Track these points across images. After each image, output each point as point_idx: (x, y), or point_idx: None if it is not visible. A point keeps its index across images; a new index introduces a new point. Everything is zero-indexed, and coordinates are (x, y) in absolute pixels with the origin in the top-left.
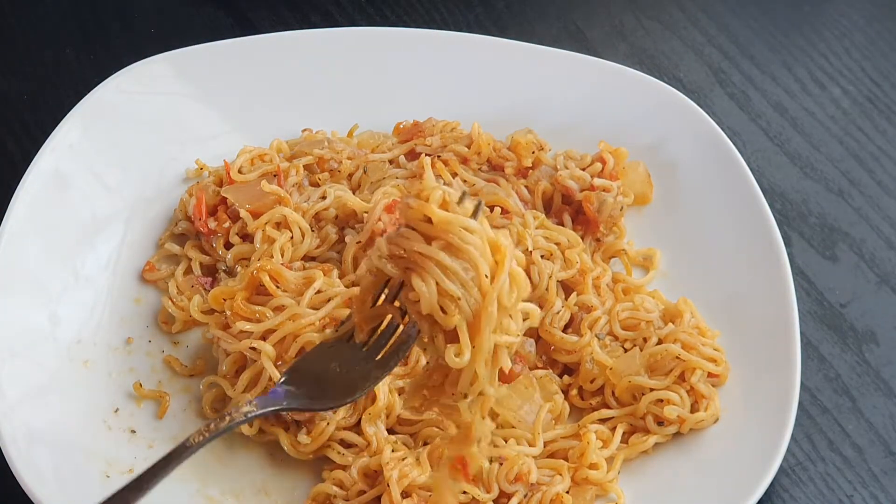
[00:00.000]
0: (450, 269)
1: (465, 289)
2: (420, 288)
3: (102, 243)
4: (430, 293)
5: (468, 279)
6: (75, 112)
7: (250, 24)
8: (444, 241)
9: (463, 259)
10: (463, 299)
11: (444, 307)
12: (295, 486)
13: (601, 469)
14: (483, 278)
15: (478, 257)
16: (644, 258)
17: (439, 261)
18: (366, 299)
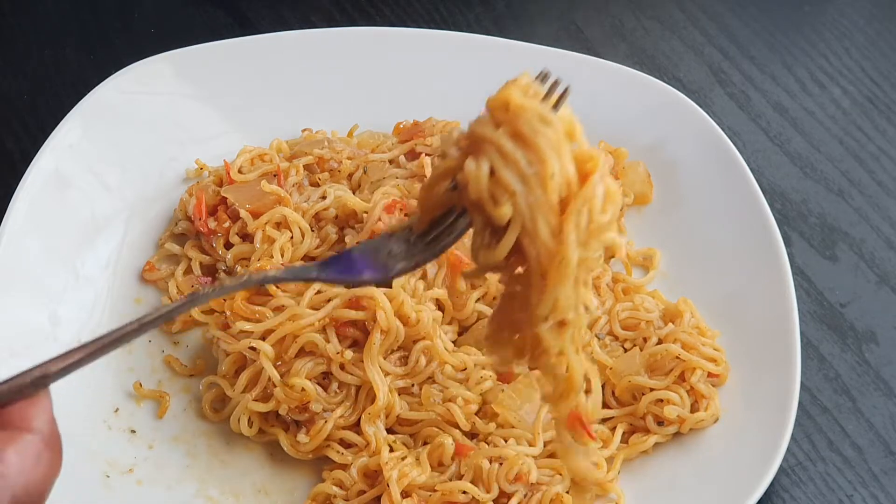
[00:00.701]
0: (509, 156)
1: (525, 184)
2: (469, 168)
3: (102, 243)
4: (481, 175)
5: (530, 173)
6: (75, 112)
7: (250, 24)
8: (513, 128)
9: (530, 151)
10: (521, 196)
11: (496, 196)
12: (295, 486)
13: (601, 469)
14: (550, 178)
15: (547, 151)
16: (644, 258)
17: (500, 146)
18: (433, 186)
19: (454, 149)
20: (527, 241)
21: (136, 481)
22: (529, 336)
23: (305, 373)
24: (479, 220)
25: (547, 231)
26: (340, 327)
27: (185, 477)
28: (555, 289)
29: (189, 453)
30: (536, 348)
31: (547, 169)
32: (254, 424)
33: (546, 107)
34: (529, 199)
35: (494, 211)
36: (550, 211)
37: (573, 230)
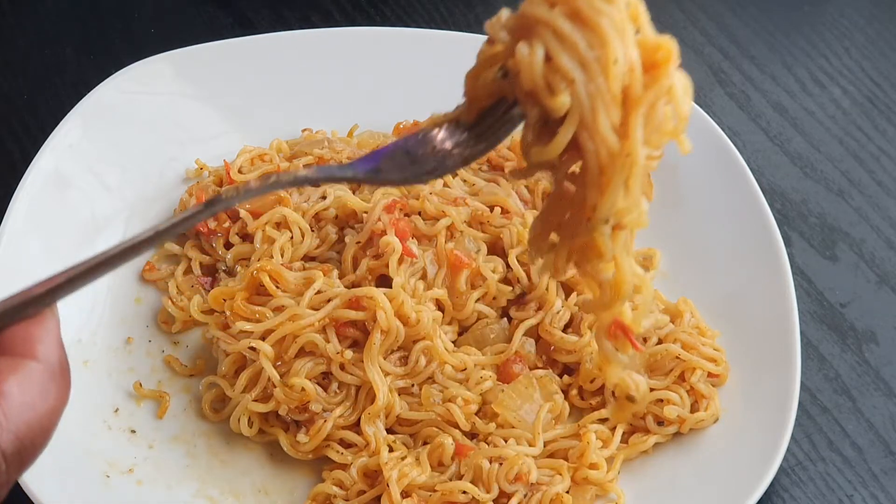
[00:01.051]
0: (568, 39)
1: (586, 70)
2: (521, 54)
3: (102, 243)
4: (535, 61)
5: (591, 58)
6: (75, 112)
7: (250, 24)
8: (570, 7)
9: (591, 33)
10: (580, 84)
11: (553, 85)
12: (295, 486)
13: (601, 469)
14: (612, 64)
15: (610, 33)
16: (644, 258)
17: (557, 27)
18: (479, 74)
19: (503, 32)
20: (585, 136)
21: (136, 481)
22: (581, 239)
23: (305, 373)
24: (533, 111)
25: (608, 125)
26: (340, 327)
27: (185, 477)
28: (616, 189)
29: (189, 453)
30: (588, 252)
31: (609, 53)
32: (254, 424)
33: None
34: (590, 88)
35: (551, 101)
36: (613, 102)
37: (639, 125)
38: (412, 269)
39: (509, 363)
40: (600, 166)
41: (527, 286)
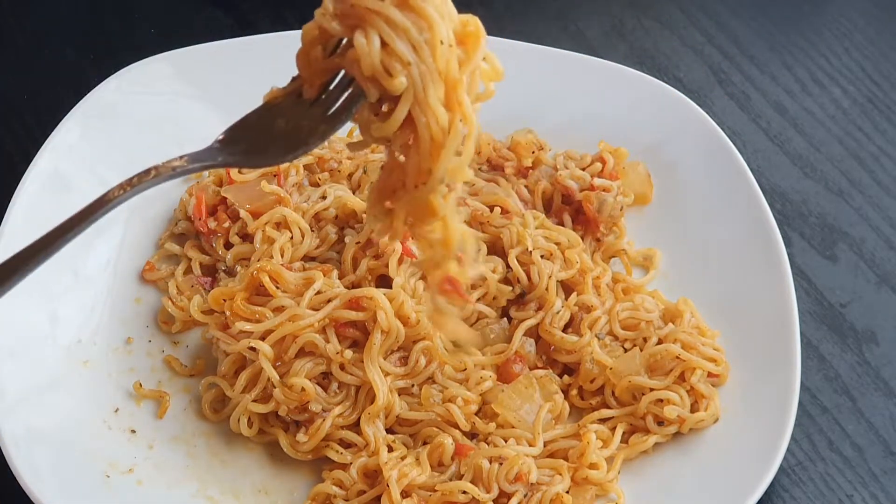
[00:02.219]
0: (400, 26)
1: (418, 53)
2: (360, 43)
3: (102, 243)
4: (373, 50)
5: (420, 41)
6: (75, 112)
7: (250, 24)
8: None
9: (419, 19)
10: (414, 65)
11: (390, 68)
12: (295, 486)
13: (601, 469)
14: (439, 45)
15: (436, 17)
16: (644, 258)
17: (389, 16)
18: (309, 52)
19: (334, 22)
20: (417, 111)
21: (136, 481)
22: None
23: (305, 373)
24: (372, 92)
25: (437, 99)
26: (340, 328)
27: (185, 477)
28: (448, 154)
29: (189, 453)
30: (423, 213)
31: (436, 35)
32: (254, 425)
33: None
34: (421, 69)
35: (390, 83)
36: (439, 78)
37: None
38: (412, 270)
39: (509, 363)
40: (432, 136)
41: (527, 286)
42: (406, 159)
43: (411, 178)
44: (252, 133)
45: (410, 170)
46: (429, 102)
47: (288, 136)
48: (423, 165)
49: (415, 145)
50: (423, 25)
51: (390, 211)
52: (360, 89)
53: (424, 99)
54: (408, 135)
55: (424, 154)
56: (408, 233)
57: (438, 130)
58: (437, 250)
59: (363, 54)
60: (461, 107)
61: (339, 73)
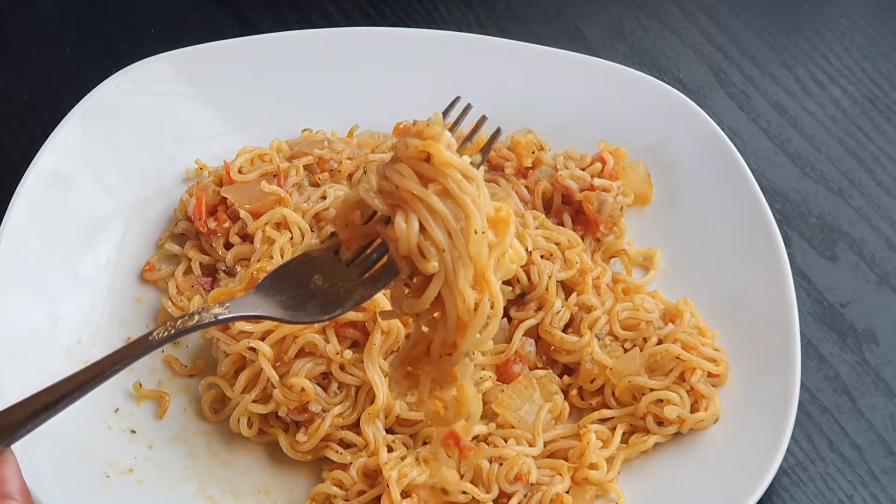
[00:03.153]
0: (439, 213)
1: (453, 239)
2: (400, 226)
3: (102, 243)
4: (411, 234)
5: (457, 229)
6: (75, 112)
7: (250, 24)
8: (441, 186)
9: (457, 209)
10: (447, 251)
11: (425, 251)
12: (295, 486)
13: (601, 469)
14: (473, 233)
15: (473, 209)
16: (644, 258)
17: (430, 203)
18: (348, 215)
19: (377, 199)
20: (446, 291)
21: (136, 481)
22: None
23: (305, 373)
24: (405, 269)
25: (465, 281)
26: (340, 328)
27: (185, 477)
28: (474, 331)
29: (189, 453)
30: (446, 380)
31: (472, 225)
32: (253, 425)
33: (468, 163)
34: (454, 254)
35: (424, 265)
36: (469, 263)
37: (494, 277)
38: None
39: (509, 363)
40: (459, 315)
41: (527, 286)
42: (433, 332)
43: (437, 349)
44: (291, 284)
45: (436, 342)
46: (458, 285)
47: (325, 295)
48: (449, 339)
49: (442, 321)
50: (461, 215)
51: (412, 375)
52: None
53: (454, 282)
54: (435, 311)
55: (451, 330)
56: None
57: (465, 310)
58: (449, 410)
59: (401, 236)
60: (489, 286)
61: (375, 238)
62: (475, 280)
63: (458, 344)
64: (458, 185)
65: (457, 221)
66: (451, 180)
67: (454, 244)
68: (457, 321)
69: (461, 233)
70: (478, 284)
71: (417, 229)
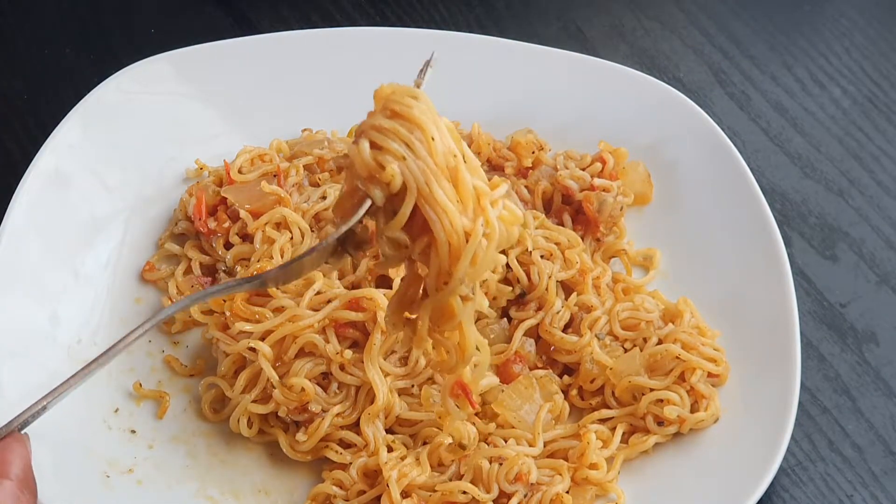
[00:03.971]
0: (388, 129)
1: (412, 149)
2: (352, 151)
3: (102, 243)
4: (362, 151)
5: (412, 138)
6: (75, 112)
7: (250, 24)
8: (388, 110)
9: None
10: (410, 160)
11: (382, 162)
12: (295, 486)
13: (601, 469)
14: (431, 140)
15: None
16: (644, 258)
17: (378, 123)
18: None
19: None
20: (427, 209)
21: (136, 481)
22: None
23: (305, 373)
24: (375, 193)
25: (443, 195)
26: (340, 328)
27: (185, 477)
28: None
29: (189, 453)
30: (443, 317)
31: (427, 133)
32: (253, 425)
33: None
34: (419, 164)
35: (383, 175)
36: (443, 176)
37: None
38: None
39: (509, 363)
40: (448, 238)
41: (527, 286)
42: (426, 265)
43: (432, 281)
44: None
45: (431, 273)
46: (436, 198)
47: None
48: (444, 268)
49: (434, 249)
50: (413, 127)
51: (411, 320)
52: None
53: (430, 194)
54: (425, 239)
55: (443, 256)
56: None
57: (453, 232)
58: (453, 356)
59: (354, 157)
60: (484, 212)
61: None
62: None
63: (453, 271)
64: (403, 102)
65: (410, 132)
66: (394, 102)
67: (415, 153)
68: (448, 247)
69: (418, 141)
70: (468, 208)
71: (367, 145)
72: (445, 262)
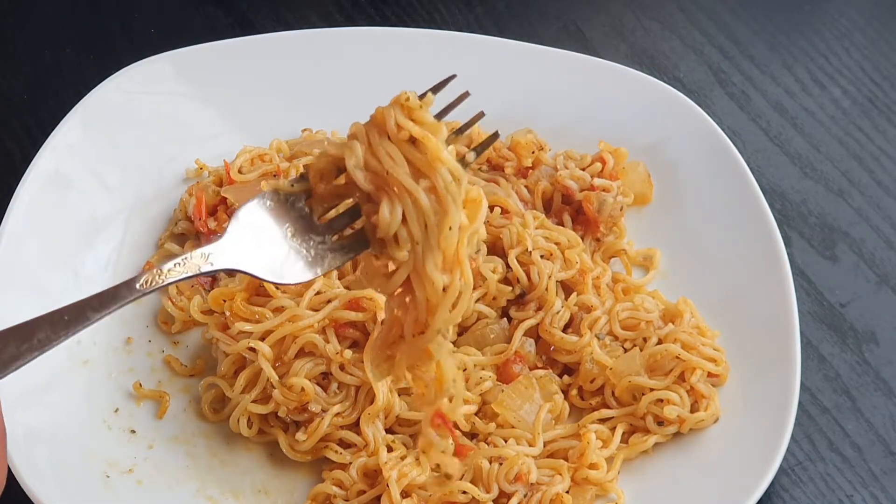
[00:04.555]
0: (423, 210)
1: (427, 234)
2: (384, 214)
3: (102, 243)
4: (394, 223)
5: (434, 224)
6: (75, 112)
7: (250, 24)
8: (430, 183)
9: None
10: (420, 244)
11: (399, 240)
12: (295, 486)
13: (601, 469)
14: (448, 229)
15: (454, 209)
16: (644, 258)
17: (417, 199)
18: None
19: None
20: (415, 277)
21: (136, 481)
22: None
23: (305, 373)
24: (377, 247)
25: (434, 268)
26: (340, 328)
27: (185, 477)
28: (445, 310)
29: (189, 453)
30: (421, 358)
31: (447, 222)
32: (253, 425)
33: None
34: (426, 247)
35: (395, 253)
36: (438, 252)
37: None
38: None
39: (509, 363)
40: (428, 298)
41: (527, 286)
42: (404, 315)
43: (409, 329)
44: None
45: (408, 322)
46: (426, 271)
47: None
48: (420, 318)
49: (412, 303)
50: (440, 211)
51: (390, 357)
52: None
53: (422, 269)
54: (406, 294)
55: (421, 310)
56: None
57: (433, 293)
58: (431, 389)
59: (383, 224)
60: (461, 265)
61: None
62: (445, 264)
63: (430, 322)
64: (447, 185)
65: (435, 216)
66: (440, 178)
67: (427, 238)
68: (426, 303)
69: (436, 227)
70: (448, 267)
71: (400, 219)
72: (423, 314)
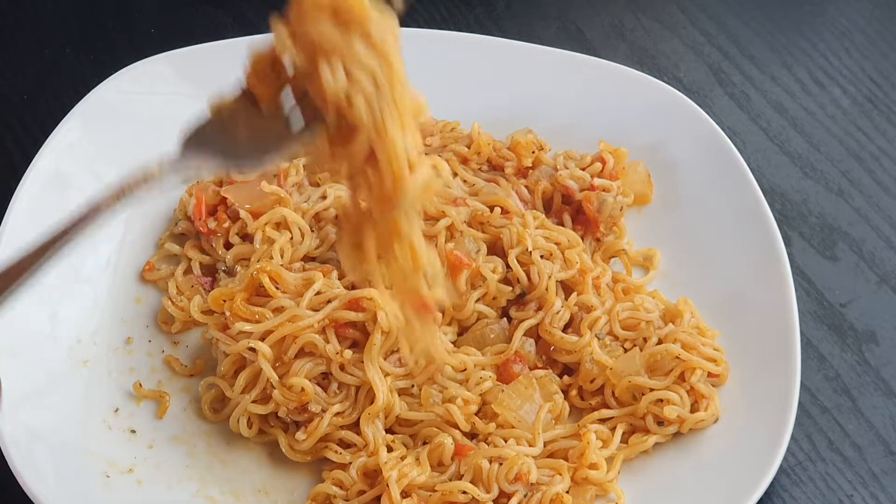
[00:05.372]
0: (367, 64)
1: (378, 87)
2: (327, 76)
3: (102, 243)
4: (339, 82)
5: (382, 78)
6: (75, 112)
7: (250, 24)
8: (363, 30)
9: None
10: (376, 101)
11: (351, 99)
12: (295, 486)
13: (601, 469)
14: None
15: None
16: (644, 258)
17: (354, 51)
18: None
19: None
20: (378, 141)
21: (136, 481)
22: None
23: (305, 373)
24: (331, 117)
25: (397, 132)
26: (340, 328)
27: (185, 477)
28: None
29: (189, 453)
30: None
31: (395, 74)
32: (253, 425)
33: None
34: (381, 102)
35: (350, 114)
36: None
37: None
38: None
39: (509, 363)
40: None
41: (527, 286)
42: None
43: (377, 206)
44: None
45: (375, 198)
46: (388, 133)
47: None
48: (386, 193)
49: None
50: (385, 63)
51: (359, 245)
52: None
53: (383, 129)
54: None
55: (388, 179)
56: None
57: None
58: (409, 276)
59: (329, 86)
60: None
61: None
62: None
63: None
64: (381, 35)
65: (380, 67)
66: (374, 27)
67: (380, 92)
68: (391, 172)
69: (386, 80)
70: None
71: (345, 78)
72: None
